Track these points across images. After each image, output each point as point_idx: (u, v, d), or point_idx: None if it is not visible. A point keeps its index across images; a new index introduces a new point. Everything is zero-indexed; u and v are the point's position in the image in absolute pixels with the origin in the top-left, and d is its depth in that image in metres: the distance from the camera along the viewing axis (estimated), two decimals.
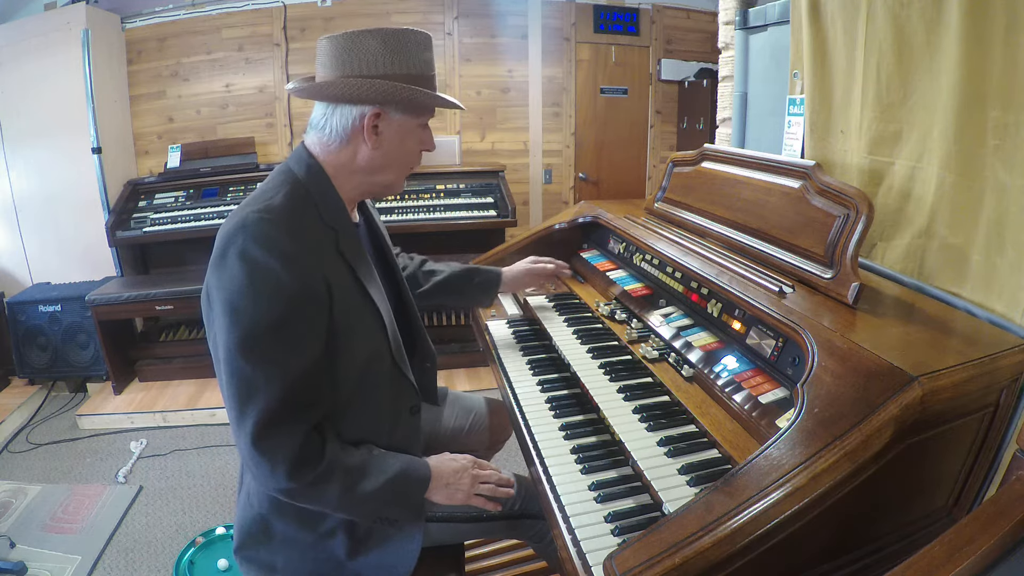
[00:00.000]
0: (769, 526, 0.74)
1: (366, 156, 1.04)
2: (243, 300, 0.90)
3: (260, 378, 0.90)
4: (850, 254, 1.12)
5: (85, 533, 2.16)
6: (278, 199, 0.96)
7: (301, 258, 0.92)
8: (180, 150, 3.47)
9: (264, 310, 0.90)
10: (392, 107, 1.02)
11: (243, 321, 0.90)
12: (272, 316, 0.90)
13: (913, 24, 1.25)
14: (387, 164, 1.06)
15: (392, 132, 1.03)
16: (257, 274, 0.90)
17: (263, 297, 0.90)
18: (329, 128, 1.03)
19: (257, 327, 0.90)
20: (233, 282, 0.90)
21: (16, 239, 3.38)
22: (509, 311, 1.83)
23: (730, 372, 1.16)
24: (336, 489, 0.97)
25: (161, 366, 3.29)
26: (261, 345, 0.90)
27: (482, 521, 1.23)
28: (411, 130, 1.05)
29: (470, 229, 3.42)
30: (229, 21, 3.61)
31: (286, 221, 0.94)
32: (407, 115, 1.04)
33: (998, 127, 1.08)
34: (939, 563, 0.64)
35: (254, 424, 0.90)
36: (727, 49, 2.07)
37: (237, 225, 0.92)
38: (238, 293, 0.90)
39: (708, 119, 3.61)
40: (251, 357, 0.90)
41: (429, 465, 1.10)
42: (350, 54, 1.00)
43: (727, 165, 1.53)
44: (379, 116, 1.01)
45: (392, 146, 1.04)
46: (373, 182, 1.08)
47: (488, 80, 3.92)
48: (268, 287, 0.90)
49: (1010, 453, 0.96)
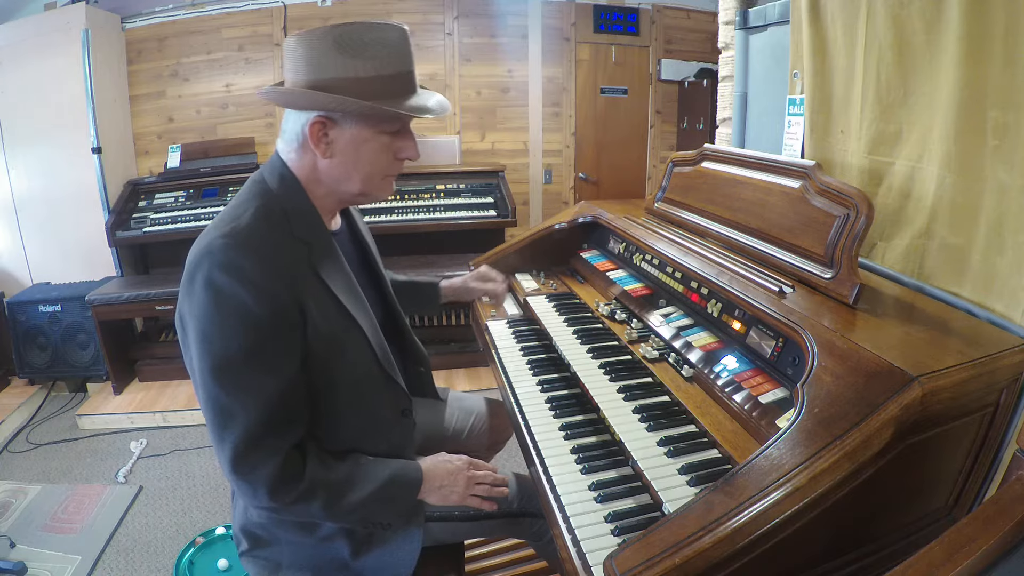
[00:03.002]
0: (769, 526, 0.74)
1: (323, 165, 0.99)
2: (212, 328, 0.88)
3: (235, 405, 0.90)
4: (850, 254, 1.12)
5: (85, 533, 2.16)
6: (245, 219, 0.93)
7: (269, 283, 0.89)
8: (180, 150, 3.47)
9: (233, 338, 0.88)
10: (340, 115, 0.95)
11: (214, 349, 0.88)
12: (242, 343, 0.88)
13: (913, 24, 1.25)
14: (347, 174, 1.00)
15: (345, 141, 0.97)
16: (224, 303, 0.87)
17: (231, 326, 0.88)
18: (289, 135, 1.00)
19: (228, 355, 0.88)
20: (202, 309, 0.88)
21: (16, 239, 3.38)
22: (509, 311, 1.83)
23: (730, 372, 1.16)
24: (320, 503, 0.97)
25: (161, 366, 3.29)
26: (234, 372, 0.89)
27: (482, 520, 1.23)
28: (369, 139, 0.98)
29: (470, 229, 3.42)
30: (229, 21, 3.61)
31: (254, 244, 0.90)
32: (361, 124, 0.96)
33: (998, 127, 1.08)
34: (939, 563, 0.64)
35: (232, 449, 0.90)
36: (727, 49, 2.07)
37: (203, 251, 0.89)
38: (207, 321, 0.88)
39: (708, 119, 3.61)
40: (225, 385, 0.89)
41: (421, 468, 1.09)
42: (302, 57, 0.94)
43: (727, 165, 1.53)
44: (324, 124, 0.96)
45: (347, 156, 0.98)
46: (342, 192, 1.03)
47: (488, 80, 3.92)
48: (236, 315, 0.88)
49: (1010, 453, 0.96)
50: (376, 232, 1.33)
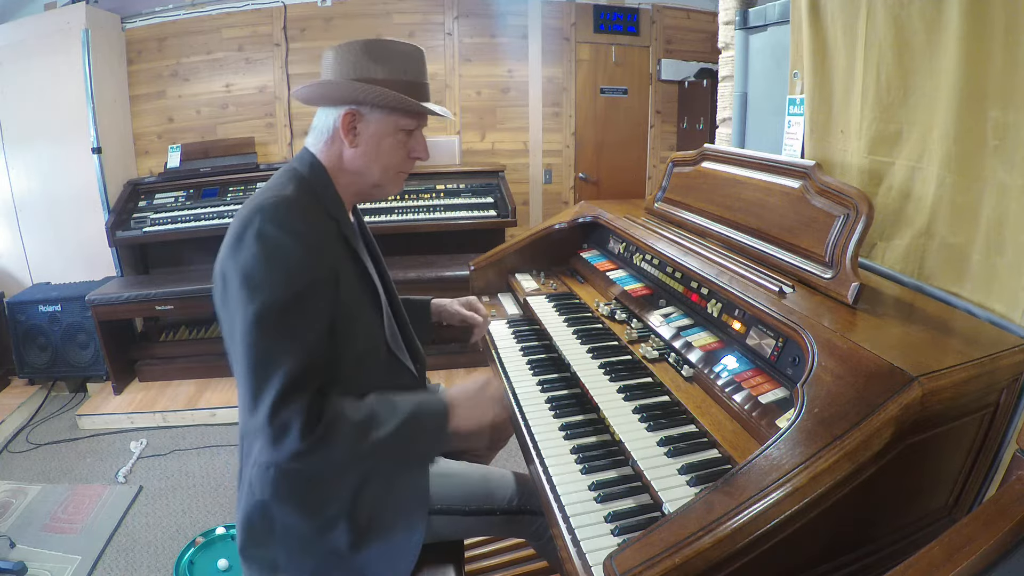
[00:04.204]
0: (769, 526, 0.74)
1: (349, 155, 1.10)
2: (261, 276, 0.94)
3: (279, 349, 0.94)
4: (850, 254, 1.12)
5: (85, 533, 2.16)
6: (289, 190, 1.02)
7: (314, 238, 0.99)
8: (180, 150, 3.47)
9: (282, 285, 0.95)
10: (367, 108, 1.08)
11: (262, 297, 0.94)
12: (289, 291, 0.95)
13: (913, 24, 1.25)
14: (368, 165, 1.11)
15: (369, 133, 1.09)
16: (275, 251, 0.95)
17: (280, 273, 0.95)
18: (320, 128, 1.11)
19: (275, 302, 0.94)
20: (251, 260, 0.95)
21: (16, 239, 3.38)
22: (509, 311, 1.83)
23: (730, 372, 1.16)
24: (350, 439, 0.98)
25: (161, 366, 3.29)
26: (279, 319, 0.94)
27: (483, 515, 1.24)
28: (389, 132, 1.10)
29: (470, 229, 3.42)
30: (229, 21, 3.61)
31: (300, 208, 1.00)
32: (385, 117, 1.09)
33: (998, 127, 1.08)
34: (939, 563, 0.64)
35: (276, 392, 0.93)
36: (727, 49, 2.07)
37: (254, 209, 0.98)
38: (256, 270, 0.94)
39: (708, 119, 3.61)
40: (270, 331, 0.94)
41: (445, 398, 1.10)
42: (339, 62, 1.08)
43: (727, 165, 1.53)
44: (355, 116, 1.07)
45: (370, 146, 1.10)
46: (362, 182, 1.13)
47: (488, 80, 3.92)
48: (285, 263, 0.95)
49: (1010, 453, 0.96)
50: (377, 232, 1.35)
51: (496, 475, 1.31)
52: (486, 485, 1.27)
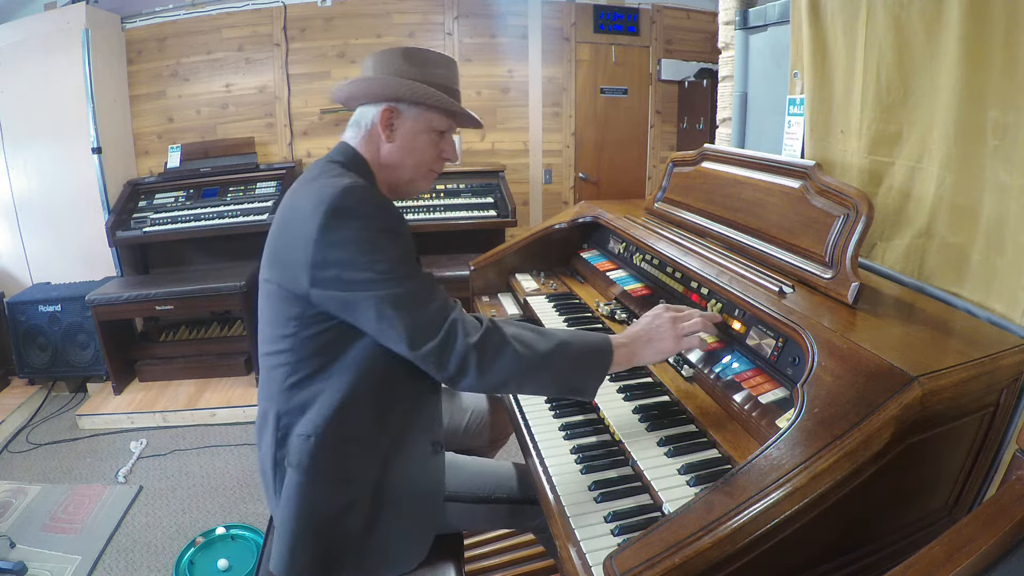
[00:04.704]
0: (769, 526, 0.74)
1: (385, 150, 1.15)
2: (369, 245, 0.99)
3: (420, 287, 1.01)
4: (850, 254, 1.12)
5: (85, 533, 2.16)
6: (348, 177, 1.06)
7: (392, 208, 1.06)
8: (180, 150, 3.47)
9: (389, 246, 1.00)
10: (405, 104, 1.13)
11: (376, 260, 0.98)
12: (397, 249, 1.01)
13: (913, 24, 1.25)
14: (402, 160, 1.16)
15: (405, 129, 1.15)
16: (372, 222, 1.00)
17: (385, 238, 1.00)
18: (359, 123, 1.16)
19: (388, 261, 0.99)
20: (352, 234, 0.99)
21: (16, 239, 3.38)
22: (509, 311, 1.83)
23: (730, 372, 1.16)
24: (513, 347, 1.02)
25: (161, 366, 3.29)
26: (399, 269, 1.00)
27: (491, 503, 1.25)
28: (423, 130, 1.15)
29: (470, 229, 3.42)
30: (229, 21, 3.61)
31: (363, 187, 1.04)
32: (420, 114, 1.14)
33: (998, 127, 1.08)
34: (939, 563, 0.64)
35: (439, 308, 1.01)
36: (727, 49, 2.07)
37: (329, 196, 0.99)
38: (361, 242, 0.98)
39: (708, 119, 3.61)
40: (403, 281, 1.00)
41: (606, 335, 1.12)
42: (379, 64, 1.14)
43: (727, 165, 1.53)
44: (393, 112, 1.13)
45: (405, 142, 1.15)
46: (396, 177, 1.18)
47: (488, 80, 3.92)
48: (386, 230, 1.01)
49: (1010, 453, 0.96)
50: None
51: (503, 467, 1.32)
52: (494, 475, 1.28)
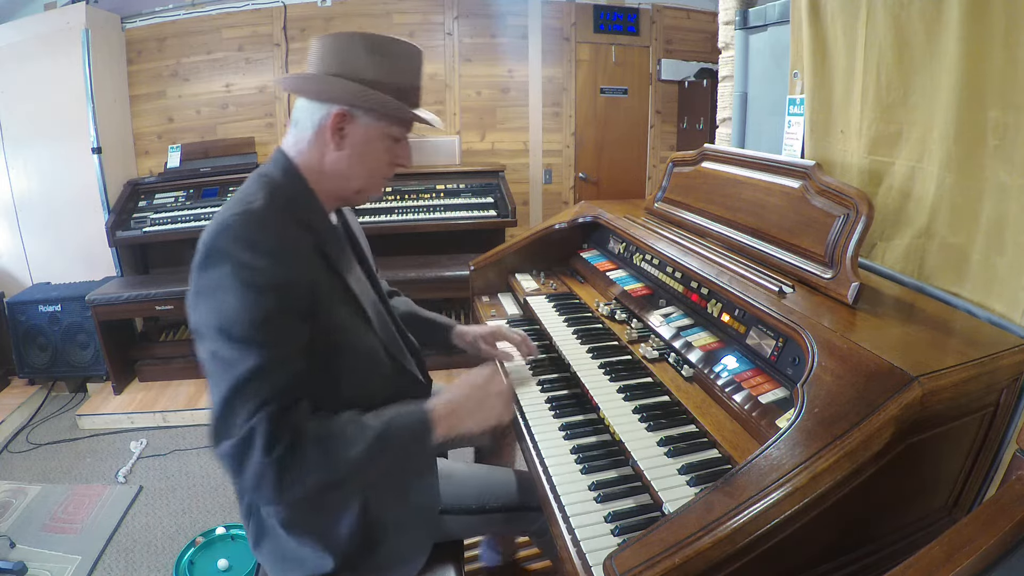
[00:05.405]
0: (769, 526, 0.74)
1: (331, 158, 1.03)
2: (227, 297, 0.89)
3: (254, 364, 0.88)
4: (850, 254, 1.12)
5: (85, 533, 2.16)
6: (257, 202, 0.96)
7: (283, 256, 0.92)
8: (180, 150, 3.47)
9: (247, 308, 0.89)
10: (360, 111, 1.01)
11: (226, 316, 0.89)
12: (255, 312, 0.89)
13: (913, 24, 1.25)
14: (351, 170, 1.05)
15: (358, 136, 1.03)
16: (242, 271, 0.89)
17: (247, 296, 0.89)
18: (303, 125, 1.04)
19: (240, 320, 0.89)
20: (217, 280, 0.89)
21: (16, 239, 3.37)
22: (509, 311, 1.83)
23: (730, 372, 1.16)
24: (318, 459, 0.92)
25: (161, 366, 3.29)
26: (248, 335, 0.89)
27: (486, 513, 1.24)
28: (378, 138, 1.04)
29: (470, 229, 3.42)
30: (229, 21, 3.61)
31: (268, 222, 0.94)
32: (375, 122, 1.03)
33: (998, 127, 1.08)
34: (939, 563, 0.64)
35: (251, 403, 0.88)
36: (727, 49, 2.07)
37: (220, 227, 0.92)
38: (223, 291, 0.89)
39: (708, 119, 3.61)
40: (237, 347, 0.89)
41: (425, 408, 1.03)
42: (334, 53, 1.01)
43: (727, 165, 1.53)
44: (345, 117, 1.01)
45: (356, 151, 1.03)
46: (340, 187, 1.07)
47: (488, 80, 3.92)
48: (251, 286, 0.89)
49: (1010, 453, 0.96)
50: (376, 232, 1.34)
51: (498, 473, 1.32)
52: (488, 483, 1.27)
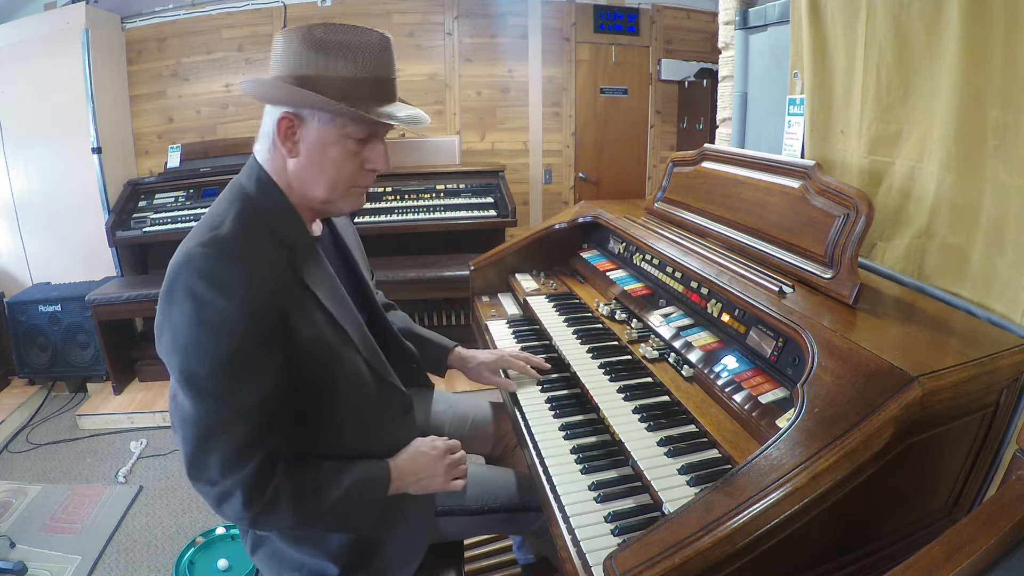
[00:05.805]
0: (769, 526, 0.74)
1: (291, 166, 0.96)
2: (191, 339, 0.85)
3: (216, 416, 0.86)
4: (850, 254, 1.12)
5: (85, 533, 2.16)
6: (225, 226, 0.90)
7: (251, 293, 0.86)
8: (180, 150, 3.47)
9: (212, 350, 0.85)
10: (307, 113, 0.93)
11: (191, 360, 0.85)
12: (221, 355, 0.85)
13: (913, 24, 1.25)
14: (312, 177, 0.96)
15: (311, 141, 0.94)
16: (203, 311, 0.84)
17: (211, 337, 0.85)
18: (264, 131, 0.97)
19: (206, 365, 0.85)
20: (182, 321, 0.85)
21: (16, 239, 3.37)
22: (509, 311, 1.83)
23: (730, 372, 1.16)
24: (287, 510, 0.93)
25: (161, 366, 3.24)
26: (209, 382, 0.86)
27: (485, 514, 1.23)
28: (335, 141, 0.94)
29: (470, 229, 3.42)
30: (229, 21, 3.61)
31: (235, 253, 0.88)
32: (326, 124, 0.93)
33: (998, 127, 1.08)
34: (939, 563, 0.64)
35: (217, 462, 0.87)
36: (727, 49, 2.07)
37: (183, 260, 0.87)
38: (186, 332, 0.85)
39: (708, 119, 3.61)
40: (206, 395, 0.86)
41: (388, 465, 1.06)
42: (278, 52, 0.95)
43: (727, 165, 1.53)
44: (291, 121, 0.93)
45: (312, 157, 0.94)
46: (308, 196, 0.98)
47: (488, 80, 3.92)
48: (216, 327, 0.84)
49: (1010, 453, 0.96)
50: (376, 232, 1.33)
51: (498, 473, 1.32)
52: (487, 484, 1.27)
